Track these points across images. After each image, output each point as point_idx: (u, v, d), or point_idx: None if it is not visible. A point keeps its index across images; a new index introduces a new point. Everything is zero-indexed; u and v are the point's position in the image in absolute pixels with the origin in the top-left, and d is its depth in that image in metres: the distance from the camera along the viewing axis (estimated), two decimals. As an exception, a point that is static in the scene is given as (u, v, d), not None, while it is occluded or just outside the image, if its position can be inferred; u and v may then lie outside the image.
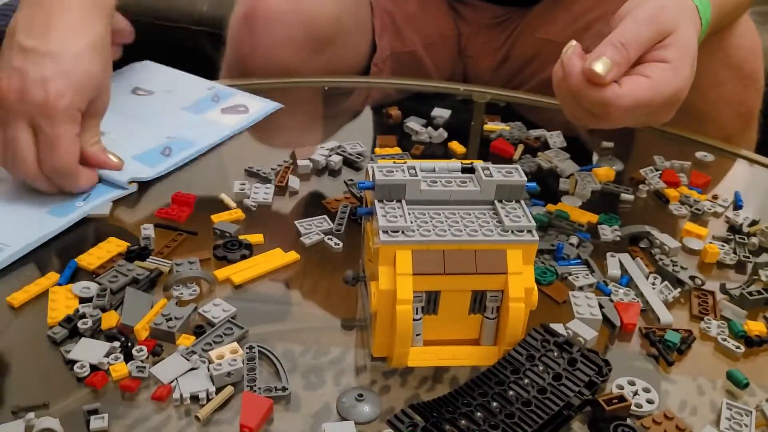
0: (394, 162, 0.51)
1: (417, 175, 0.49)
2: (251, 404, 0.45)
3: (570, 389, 0.45)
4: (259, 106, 0.85)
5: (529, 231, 0.48)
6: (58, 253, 0.60)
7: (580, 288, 0.59)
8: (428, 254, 0.47)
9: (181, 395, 0.46)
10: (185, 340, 0.51)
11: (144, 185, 0.68)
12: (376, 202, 0.49)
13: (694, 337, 0.55)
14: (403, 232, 0.47)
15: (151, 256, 0.59)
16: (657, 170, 0.77)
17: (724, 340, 0.54)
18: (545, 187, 0.74)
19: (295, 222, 0.64)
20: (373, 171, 0.49)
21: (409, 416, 0.44)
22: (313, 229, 0.64)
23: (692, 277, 0.60)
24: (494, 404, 0.45)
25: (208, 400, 0.46)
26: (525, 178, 0.50)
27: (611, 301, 0.57)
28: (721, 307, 0.58)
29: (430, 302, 0.49)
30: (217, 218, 0.64)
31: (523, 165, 0.77)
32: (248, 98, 0.86)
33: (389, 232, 0.46)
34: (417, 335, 0.49)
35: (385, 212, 0.48)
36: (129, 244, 0.60)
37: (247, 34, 0.94)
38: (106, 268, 0.57)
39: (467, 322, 0.50)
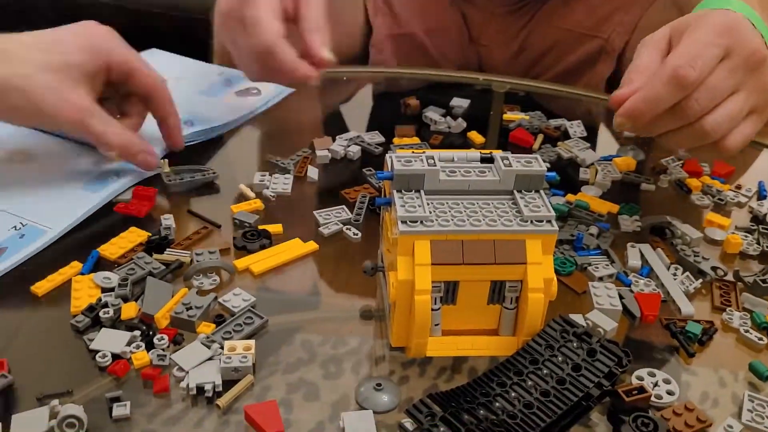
0: (413, 152, 0.51)
1: (436, 165, 0.49)
2: (261, 413, 0.45)
3: (589, 380, 0.45)
4: (272, 88, 0.85)
5: (549, 221, 0.47)
6: (80, 242, 0.60)
7: (600, 278, 0.58)
8: (447, 244, 0.46)
9: (188, 385, 0.46)
10: (205, 328, 0.51)
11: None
12: (394, 192, 0.48)
13: (716, 329, 0.54)
14: (421, 222, 0.46)
15: (169, 247, 0.59)
16: (679, 160, 0.77)
17: (747, 331, 0.54)
18: (565, 177, 0.74)
19: (314, 212, 0.64)
20: (392, 161, 0.49)
21: (428, 406, 0.44)
22: (332, 219, 0.64)
23: (714, 268, 0.60)
24: (512, 394, 0.44)
25: (215, 392, 0.47)
26: (545, 168, 0.50)
27: (631, 291, 0.57)
28: (743, 299, 0.57)
29: (448, 292, 0.48)
30: (236, 208, 0.65)
31: (542, 155, 0.76)
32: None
33: (408, 222, 0.46)
34: (435, 325, 0.49)
35: (403, 202, 0.47)
36: (150, 234, 0.60)
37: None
38: (127, 258, 0.58)
39: (486, 313, 0.50)
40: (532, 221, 0.47)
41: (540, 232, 0.47)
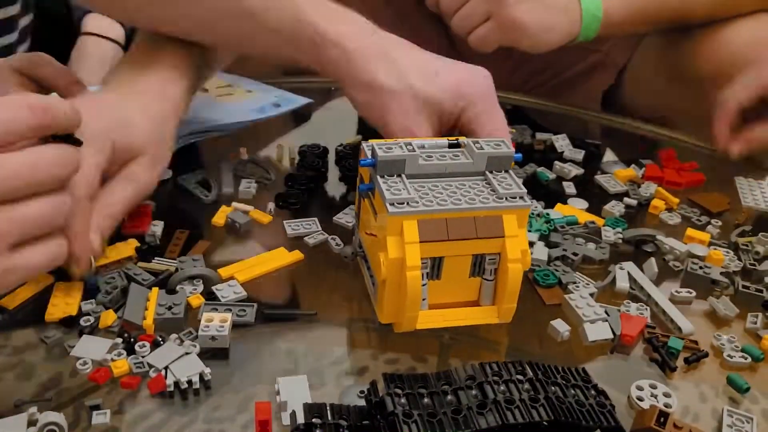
0: (386, 141, 0.53)
1: (415, 151, 0.52)
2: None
3: (567, 411, 0.43)
4: (290, 104, 0.85)
5: (521, 197, 0.51)
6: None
7: (582, 296, 0.57)
8: (432, 223, 0.49)
9: (174, 381, 0.47)
10: (196, 300, 0.54)
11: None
12: (378, 177, 0.51)
13: (706, 352, 0.54)
14: (407, 203, 0.49)
15: (157, 257, 0.59)
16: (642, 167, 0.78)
17: (730, 357, 0.53)
18: (548, 192, 0.74)
19: (284, 222, 0.64)
20: (372, 149, 0.52)
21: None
22: (300, 230, 0.63)
23: (724, 273, 0.61)
24: (473, 392, 0.43)
25: (203, 382, 0.47)
26: (513, 150, 0.53)
27: (618, 311, 0.56)
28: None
29: (434, 268, 0.51)
30: (225, 211, 0.65)
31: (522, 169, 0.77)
32: (280, 95, 0.86)
33: (395, 204, 0.49)
34: (423, 299, 0.51)
35: (388, 186, 0.50)
36: (138, 244, 0.60)
37: None
38: (113, 267, 0.57)
39: (467, 286, 0.53)
40: (506, 198, 0.51)
41: (514, 207, 0.51)
